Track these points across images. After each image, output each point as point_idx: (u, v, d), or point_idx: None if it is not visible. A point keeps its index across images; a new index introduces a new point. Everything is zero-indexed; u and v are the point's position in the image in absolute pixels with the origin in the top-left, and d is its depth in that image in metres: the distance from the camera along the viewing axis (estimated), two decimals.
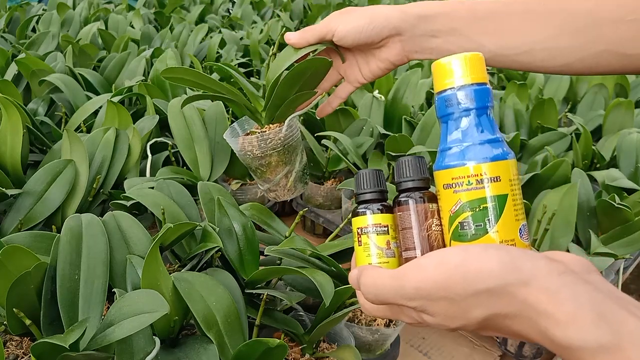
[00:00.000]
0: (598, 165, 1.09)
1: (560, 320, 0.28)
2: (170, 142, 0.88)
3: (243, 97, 0.68)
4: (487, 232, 0.35)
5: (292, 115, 0.67)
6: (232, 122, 0.95)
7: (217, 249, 0.59)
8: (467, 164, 0.36)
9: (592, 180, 0.96)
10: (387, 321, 0.70)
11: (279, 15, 1.89)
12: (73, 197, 0.70)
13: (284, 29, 1.69)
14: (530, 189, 0.91)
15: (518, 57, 0.52)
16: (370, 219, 0.40)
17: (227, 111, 0.95)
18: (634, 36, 0.45)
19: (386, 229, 0.39)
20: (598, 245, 0.80)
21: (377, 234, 0.39)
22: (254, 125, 0.72)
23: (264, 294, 0.57)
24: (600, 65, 0.48)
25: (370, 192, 0.41)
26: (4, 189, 0.65)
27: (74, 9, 1.69)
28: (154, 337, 0.49)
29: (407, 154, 0.93)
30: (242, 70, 1.31)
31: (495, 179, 0.35)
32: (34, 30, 1.49)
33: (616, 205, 0.83)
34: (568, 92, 1.41)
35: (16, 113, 0.73)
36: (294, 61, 0.60)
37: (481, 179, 0.35)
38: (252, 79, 1.27)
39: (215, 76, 1.23)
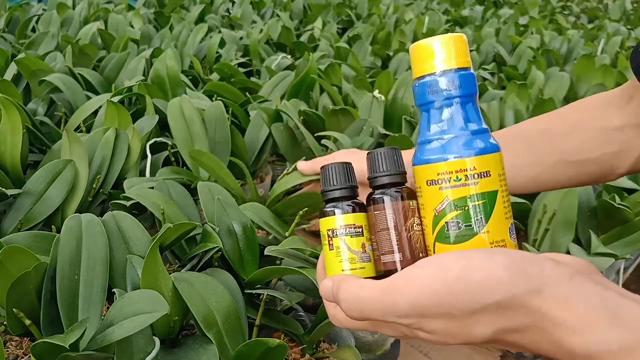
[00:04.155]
0: None
1: (575, 326, 0.26)
2: (170, 142, 0.88)
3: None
4: (478, 233, 0.32)
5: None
6: (232, 122, 0.94)
7: (217, 249, 0.59)
8: (454, 158, 0.32)
9: None
10: None
11: (278, 15, 1.90)
12: (73, 197, 0.70)
13: (284, 28, 1.69)
14: None
15: None
16: (340, 220, 0.35)
17: (227, 111, 0.95)
18: (579, 144, 0.52)
19: (360, 230, 0.35)
20: (598, 245, 0.80)
21: (350, 236, 0.35)
22: None
23: (264, 294, 0.57)
24: (558, 174, 0.53)
25: (338, 189, 0.36)
26: (3, 189, 0.65)
27: (73, 9, 1.69)
28: (153, 337, 0.49)
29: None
30: (241, 70, 1.31)
31: (485, 174, 0.32)
32: (33, 30, 1.49)
33: (616, 205, 0.83)
34: (568, 92, 1.41)
35: (16, 113, 0.73)
36: (298, 184, 0.69)
37: (470, 174, 0.32)
38: (252, 78, 1.27)
39: (215, 76, 1.23)
